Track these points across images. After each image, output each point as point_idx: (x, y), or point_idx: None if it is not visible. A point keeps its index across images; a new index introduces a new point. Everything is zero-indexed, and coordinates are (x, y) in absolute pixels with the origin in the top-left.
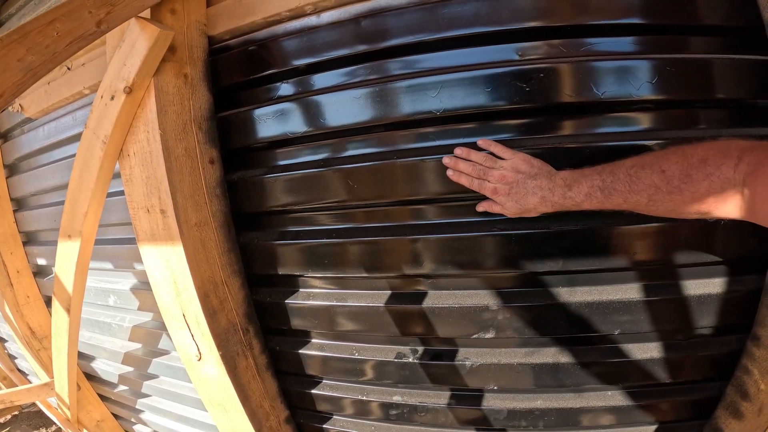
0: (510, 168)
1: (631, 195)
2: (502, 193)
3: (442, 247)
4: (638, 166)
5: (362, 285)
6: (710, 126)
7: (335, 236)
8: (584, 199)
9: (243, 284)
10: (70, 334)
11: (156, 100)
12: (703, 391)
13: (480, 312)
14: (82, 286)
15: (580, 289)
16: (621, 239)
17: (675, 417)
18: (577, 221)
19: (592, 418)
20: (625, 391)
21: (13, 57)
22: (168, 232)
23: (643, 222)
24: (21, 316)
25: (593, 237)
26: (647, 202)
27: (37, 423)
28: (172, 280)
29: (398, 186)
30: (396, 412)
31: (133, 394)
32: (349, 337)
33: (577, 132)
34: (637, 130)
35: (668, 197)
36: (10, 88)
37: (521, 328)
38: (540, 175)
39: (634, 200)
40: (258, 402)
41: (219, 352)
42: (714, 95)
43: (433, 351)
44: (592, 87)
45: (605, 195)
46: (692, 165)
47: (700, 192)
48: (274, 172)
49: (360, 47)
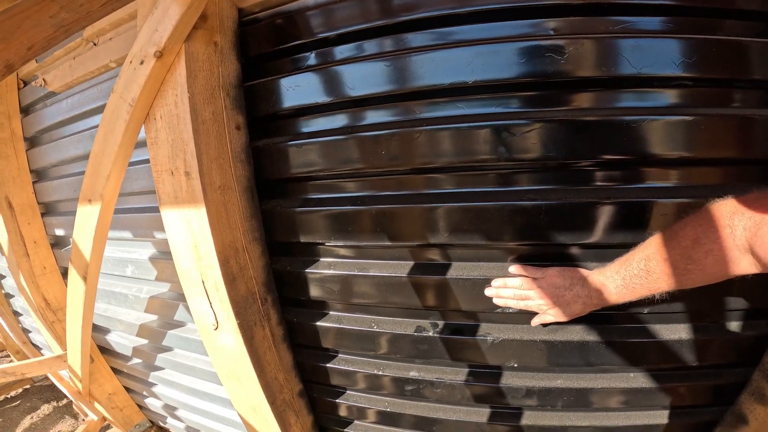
0: (547, 285)
1: (652, 285)
2: (548, 307)
3: (469, 217)
4: (645, 259)
5: (385, 254)
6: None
7: (359, 203)
8: (617, 298)
9: (263, 252)
10: (86, 304)
11: (186, 65)
12: (729, 376)
13: None
14: (100, 253)
15: None
16: (653, 214)
17: (697, 401)
18: (608, 195)
19: (613, 399)
20: (648, 373)
21: (46, 13)
22: (191, 195)
23: (676, 197)
24: (36, 288)
25: (627, 211)
26: (668, 286)
27: (48, 396)
28: (193, 244)
29: (424, 154)
30: (411, 388)
31: (146, 367)
32: (369, 309)
33: (609, 106)
34: (671, 105)
35: (684, 278)
36: (40, 42)
37: None
38: (574, 285)
39: (657, 287)
40: (273, 374)
41: (237, 321)
42: (750, 76)
43: (454, 325)
44: (628, 62)
45: (631, 291)
46: (688, 247)
47: (708, 268)
48: (299, 139)
49: (389, 19)
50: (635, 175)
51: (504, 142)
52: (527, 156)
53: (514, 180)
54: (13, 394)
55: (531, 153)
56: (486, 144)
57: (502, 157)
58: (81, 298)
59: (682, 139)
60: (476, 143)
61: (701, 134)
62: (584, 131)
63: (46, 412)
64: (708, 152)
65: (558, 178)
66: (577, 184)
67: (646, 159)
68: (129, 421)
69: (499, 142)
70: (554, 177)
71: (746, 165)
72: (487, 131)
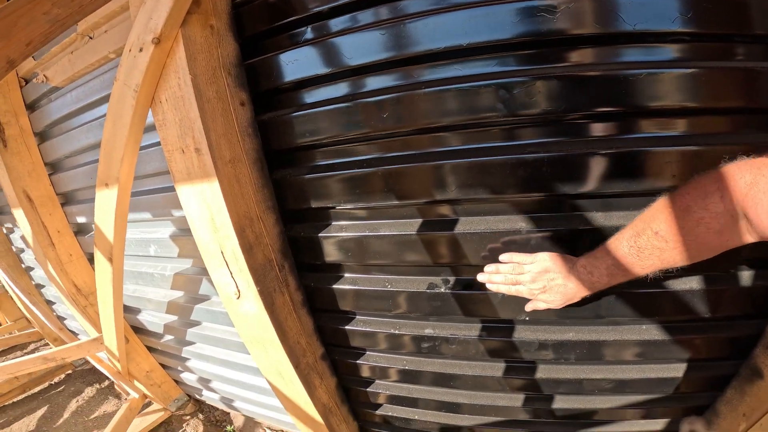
0: (537, 270)
1: (645, 263)
2: (539, 292)
3: (473, 172)
4: (635, 236)
5: (394, 214)
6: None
7: (366, 166)
8: (609, 279)
9: (277, 220)
10: (114, 285)
11: (185, 48)
12: (743, 328)
13: (512, 236)
14: (122, 234)
15: (615, 213)
16: (660, 161)
17: (711, 354)
18: (611, 144)
19: (625, 352)
20: (660, 325)
21: (39, 10)
22: (203, 170)
23: (682, 144)
24: (65, 275)
25: (630, 159)
26: (662, 263)
27: (90, 379)
28: (210, 216)
29: (425, 115)
30: (427, 345)
31: (178, 342)
32: (382, 269)
33: (607, 61)
34: (670, 59)
35: (677, 252)
36: (37, 37)
37: None
38: (564, 270)
39: (650, 265)
40: (295, 339)
41: (257, 288)
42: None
43: (465, 280)
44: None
45: (623, 271)
46: (679, 217)
47: (701, 237)
48: (302, 109)
49: None
50: (633, 125)
51: (503, 100)
52: (527, 111)
53: (516, 135)
54: (56, 380)
55: (531, 108)
56: (485, 102)
57: (502, 114)
58: (109, 280)
59: (677, 90)
60: (475, 102)
61: (697, 86)
62: (581, 86)
63: (90, 394)
64: (704, 102)
65: (558, 131)
66: (577, 136)
67: (642, 110)
68: (168, 396)
69: (497, 99)
70: (554, 130)
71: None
72: (485, 90)
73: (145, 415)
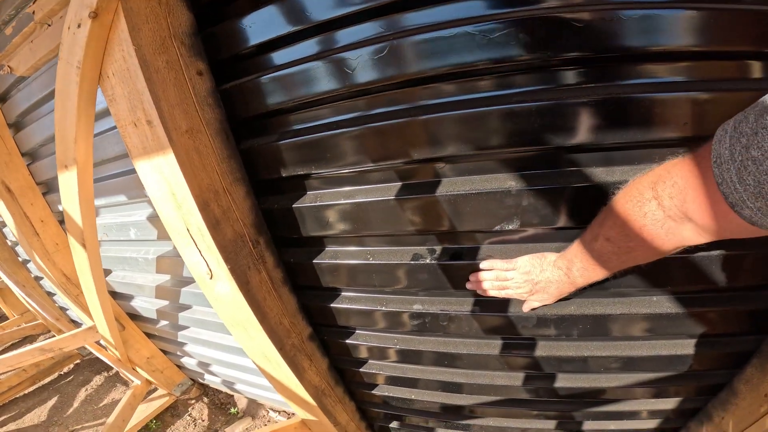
0: (519, 274)
1: (606, 265)
2: (528, 295)
3: (454, 126)
4: (592, 241)
5: (370, 178)
6: None
7: (337, 127)
8: (584, 281)
9: (248, 192)
10: (93, 270)
11: (126, 20)
12: (765, 300)
13: (501, 198)
14: (91, 217)
15: (619, 168)
16: (669, 108)
17: (729, 329)
18: (607, 91)
19: (634, 326)
20: (673, 296)
21: None
22: (157, 142)
23: (696, 90)
24: (53, 264)
25: (635, 105)
26: (624, 264)
27: (98, 368)
28: (170, 191)
29: (397, 67)
30: (417, 323)
31: (173, 327)
32: (362, 241)
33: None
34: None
35: (633, 255)
36: None
37: (550, 216)
38: (544, 271)
39: (613, 266)
40: (277, 319)
41: (227, 267)
42: None
43: (452, 249)
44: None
45: (593, 272)
46: (623, 224)
47: (648, 241)
48: (268, 73)
49: None
50: (630, 71)
51: (484, 45)
52: (512, 57)
53: (501, 84)
54: (66, 370)
55: (516, 54)
56: (461, 50)
57: (484, 61)
58: (87, 265)
59: (680, 32)
60: (456, 49)
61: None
62: (566, 28)
63: (98, 383)
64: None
65: (546, 79)
66: (568, 83)
67: (640, 54)
68: (171, 381)
69: (475, 46)
70: (542, 77)
71: None
72: (465, 35)
73: (150, 401)
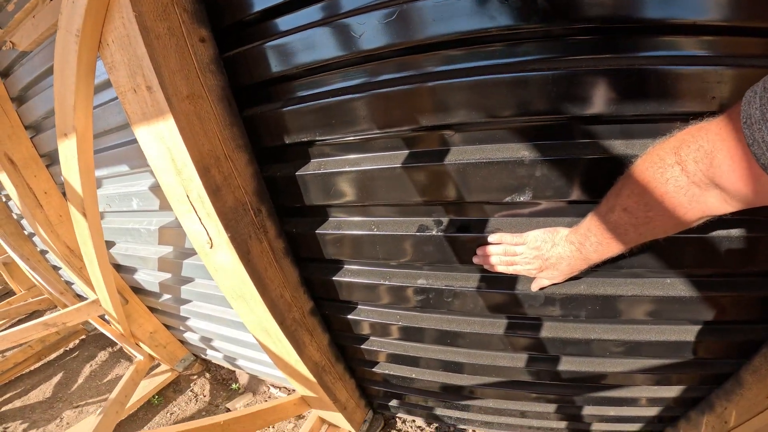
0: (528, 249)
1: (623, 238)
2: (537, 271)
3: (466, 93)
4: (608, 212)
5: (377, 145)
6: None
7: (342, 93)
8: (598, 256)
9: (251, 160)
10: (94, 240)
11: None
12: None
13: (513, 168)
14: (91, 186)
15: (639, 141)
16: (696, 81)
17: (740, 316)
18: (630, 62)
19: (645, 309)
20: (688, 279)
21: None
22: (157, 107)
23: (725, 65)
24: (57, 236)
25: (659, 77)
26: (642, 237)
27: (103, 343)
28: (170, 157)
29: (406, 33)
30: (421, 299)
31: (175, 301)
32: (367, 211)
33: None
34: None
35: (651, 227)
36: None
37: (564, 188)
38: (555, 246)
39: (631, 239)
40: (278, 292)
41: (227, 235)
42: None
43: (460, 221)
44: None
45: (608, 246)
46: (643, 191)
47: (670, 212)
48: (272, 39)
49: None
50: (649, 42)
51: (497, 10)
52: (526, 24)
53: (515, 51)
54: (71, 346)
55: (530, 20)
56: (475, 15)
57: (497, 28)
58: (88, 235)
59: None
60: (465, 14)
61: None
62: None
63: (103, 358)
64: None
65: (565, 48)
66: (587, 53)
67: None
68: (174, 356)
69: (490, 11)
70: (561, 46)
71: None
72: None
73: (153, 377)
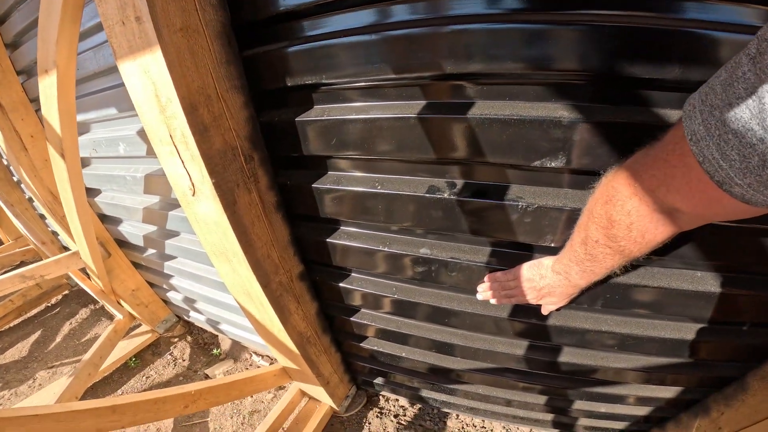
0: (521, 282)
1: (604, 264)
2: (536, 300)
3: (499, 39)
4: (582, 243)
5: (389, 93)
6: None
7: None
8: (585, 282)
9: (246, 103)
10: (72, 184)
11: None
12: None
13: (548, 127)
14: (72, 126)
15: None
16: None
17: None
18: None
19: (670, 303)
20: (722, 274)
21: None
22: (145, 39)
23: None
24: (40, 181)
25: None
26: (621, 261)
27: (85, 300)
28: (154, 93)
29: None
30: (422, 270)
31: (159, 257)
32: (372, 166)
33: None
34: None
35: (626, 253)
36: None
37: (605, 156)
38: (543, 277)
39: (611, 264)
40: (264, 251)
41: (212, 180)
42: None
43: (477, 185)
44: None
45: (592, 273)
46: (608, 226)
47: (639, 238)
48: None
49: None
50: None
51: None
52: None
53: None
54: (53, 302)
55: None
56: None
57: None
58: (66, 179)
59: None
60: None
61: None
62: None
63: (83, 316)
64: None
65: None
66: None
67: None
68: (155, 317)
69: None
70: None
71: None
72: None
73: (132, 338)
